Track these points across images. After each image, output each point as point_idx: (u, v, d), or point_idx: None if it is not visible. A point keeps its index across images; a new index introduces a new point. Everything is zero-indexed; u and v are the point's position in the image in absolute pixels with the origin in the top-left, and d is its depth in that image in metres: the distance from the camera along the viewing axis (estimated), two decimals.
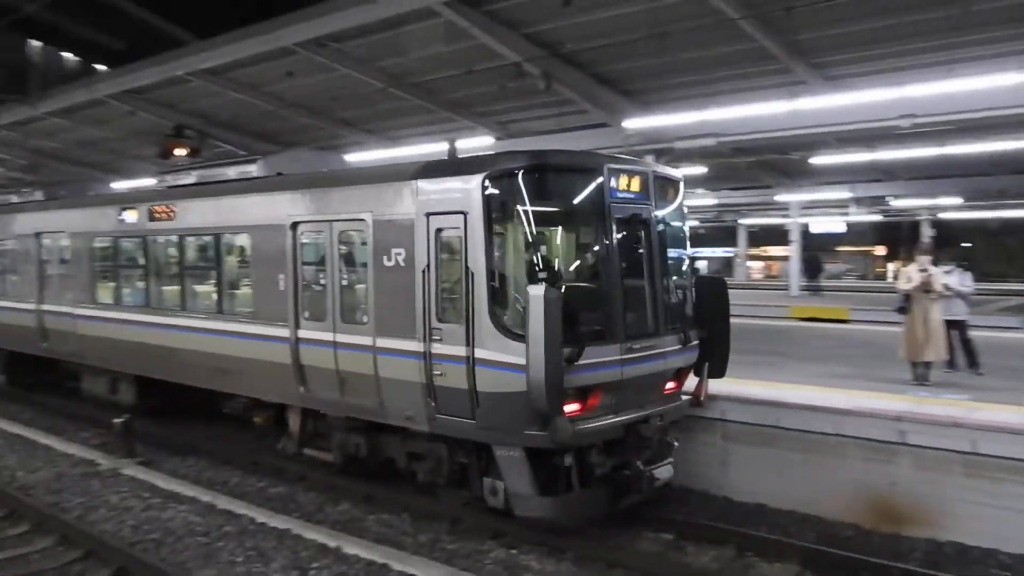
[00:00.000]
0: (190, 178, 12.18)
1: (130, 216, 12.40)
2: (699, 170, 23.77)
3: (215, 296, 10.98)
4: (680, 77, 16.03)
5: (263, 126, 22.83)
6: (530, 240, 7.49)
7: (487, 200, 7.51)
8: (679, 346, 8.57)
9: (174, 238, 11.64)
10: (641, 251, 8.29)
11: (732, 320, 9.42)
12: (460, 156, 8.57)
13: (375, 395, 8.64)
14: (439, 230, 7.91)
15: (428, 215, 7.99)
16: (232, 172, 11.53)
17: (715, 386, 9.57)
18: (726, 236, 47.55)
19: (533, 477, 7.67)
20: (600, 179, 7.94)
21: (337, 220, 9.03)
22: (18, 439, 12.39)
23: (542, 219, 7.68)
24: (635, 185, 8.26)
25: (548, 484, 7.74)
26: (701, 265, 47.49)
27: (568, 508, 7.82)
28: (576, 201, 8.03)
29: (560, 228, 8.43)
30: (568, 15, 14.02)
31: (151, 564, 7.28)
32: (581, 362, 7.40)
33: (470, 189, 7.61)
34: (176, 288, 11.61)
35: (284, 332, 9.59)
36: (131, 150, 27.09)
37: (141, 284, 12.31)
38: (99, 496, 9.60)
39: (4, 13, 39.38)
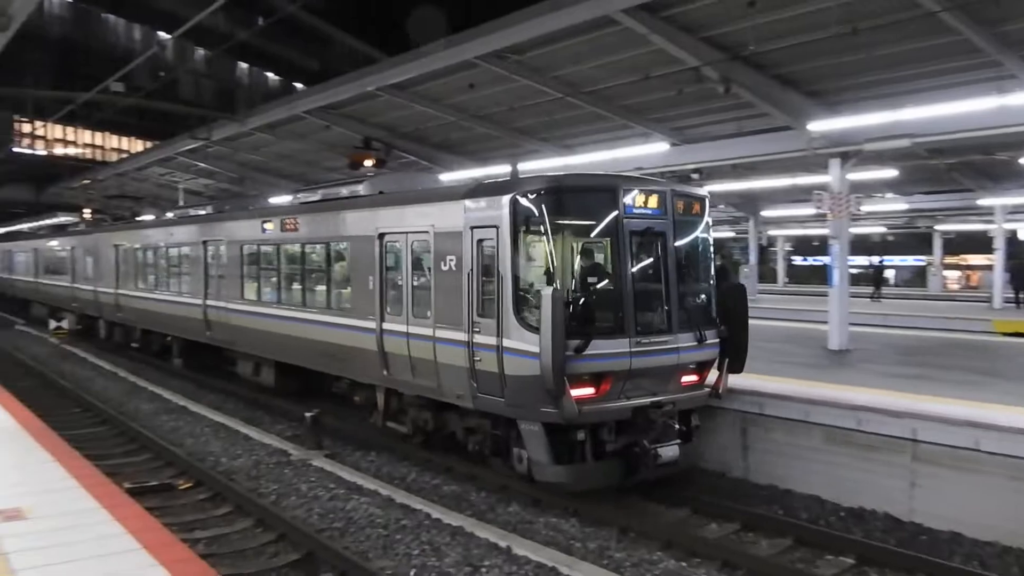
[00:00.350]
0: (316, 195, 14.31)
1: (268, 227, 14.82)
2: (888, 173, 22.35)
3: (325, 294, 13.03)
4: (872, 75, 15.13)
5: (445, 137, 23.66)
6: (547, 249, 8.85)
7: (513, 216, 9.05)
8: (695, 343, 9.69)
9: (297, 246, 13.87)
10: (656, 259, 9.62)
11: (925, 333, 8.85)
12: (496, 179, 10.16)
13: (435, 377, 10.26)
14: (480, 240, 9.49)
15: (472, 228, 9.58)
16: (345, 191, 13.56)
17: (904, 403, 8.94)
18: (918, 243, 44.35)
19: (550, 448, 9.08)
20: (614, 197, 9.28)
21: (410, 232, 10.84)
22: (222, 428, 13.50)
23: (558, 232, 9.08)
24: (652, 202, 9.57)
25: (563, 455, 9.12)
26: (889, 274, 44.61)
27: (580, 476, 9.16)
28: (589, 217, 9.39)
29: (576, 239, 9.65)
30: (751, 16, 13.59)
31: (336, 550, 7.71)
32: (591, 352, 8.77)
33: (501, 207, 9.18)
34: (298, 287, 13.86)
35: (372, 324, 11.44)
36: (324, 162, 28.87)
37: (275, 283, 14.71)
38: (291, 484, 10.28)
39: (222, 40, 43.07)
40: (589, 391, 8.95)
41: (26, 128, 67.32)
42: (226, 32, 59.73)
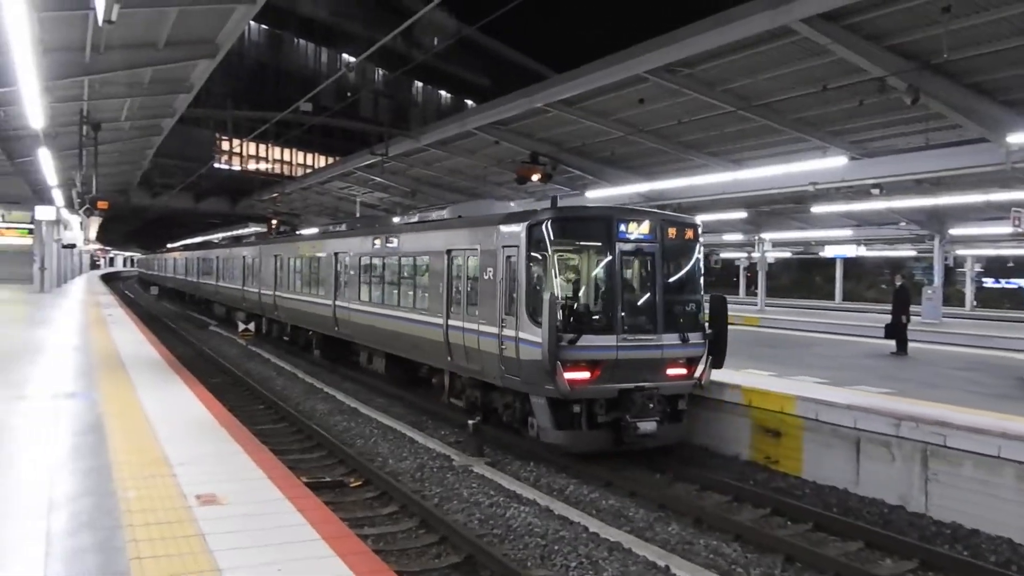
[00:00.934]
0: (415, 218, 18.28)
1: (376, 243, 18.16)
2: None
3: (412, 297, 16.06)
4: None
5: (611, 151, 23.69)
6: (550, 265, 11.54)
7: (527, 239, 11.78)
8: (679, 343, 11.94)
9: (395, 258, 16.97)
10: (645, 273, 12.23)
11: None
12: (523, 210, 13.41)
13: (480, 362, 12.98)
14: (508, 257, 12.23)
15: (503, 247, 12.36)
16: (434, 215, 17.36)
17: None
18: None
19: (552, 417, 11.59)
20: (608, 225, 11.83)
21: (466, 249, 13.68)
22: (389, 430, 14.05)
23: (561, 251, 11.85)
24: (643, 229, 12.00)
25: (564, 423, 11.58)
26: None
27: (575, 440, 11.62)
28: (586, 240, 12.16)
29: (576, 257, 12.39)
30: (945, 22, 12.76)
31: (496, 556, 7.82)
32: (584, 344, 11.33)
33: (519, 232, 11.96)
34: (395, 291, 16.91)
35: (440, 321, 14.30)
36: (492, 176, 29.61)
37: (380, 287, 17.90)
38: (453, 489, 10.55)
39: (401, 62, 45.10)
40: (584, 375, 11.33)
41: (225, 145, 73.31)
42: (404, 53, 62.64)
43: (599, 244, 11.98)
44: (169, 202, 55.95)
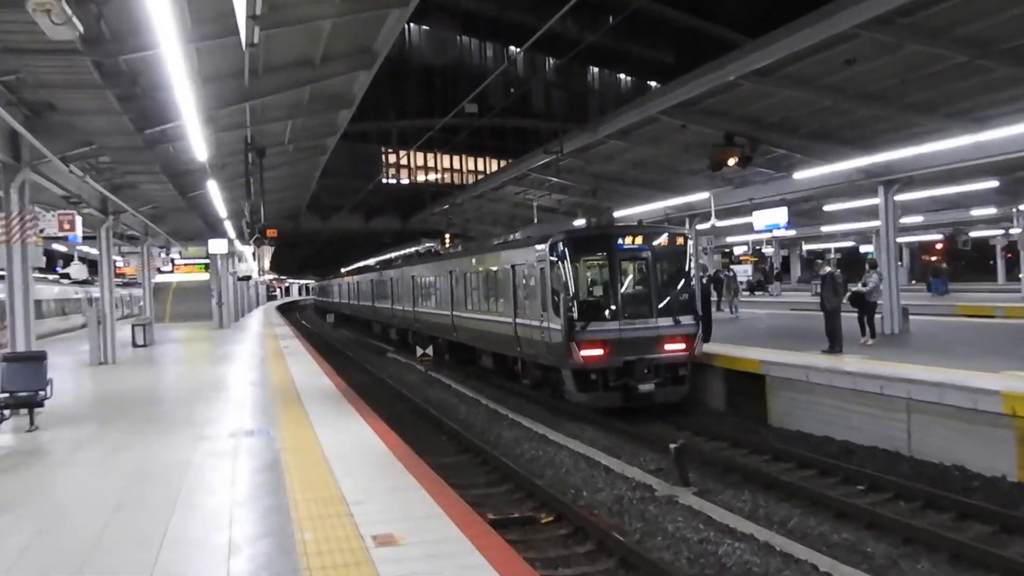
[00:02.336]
0: (497, 240, 26.96)
1: (473, 261, 25.26)
2: None
3: (492, 302, 22.87)
4: None
5: (819, 124, 22.67)
6: (566, 271, 17.71)
7: (551, 254, 18.09)
8: (671, 324, 17.67)
9: (480, 272, 24.19)
10: (640, 273, 18.34)
11: None
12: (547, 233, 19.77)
13: (534, 348, 19.44)
14: (541, 268, 18.62)
15: (538, 260, 18.89)
16: (515, 235, 25.65)
17: None
18: None
19: (576, 383, 17.57)
20: (609, 239, 18.29)
21: (521, 264, 20.27)
22: (581, 458, 14.12)
23: (575, 262, 17.98)
24: (638, 241, 18.20)
25: (584, 387, 17.50)
26: None
27: (594, 399, 17.49)
28: (594, 252, 18.43)
29: (586, 264, 18.56)
30: None
31: None
32: (592, 328, 17.27)
33: (545, 248, 18.39)
34: (482, 299, 23.98)
35: (510, 319, 20.76)
36: (681, 166, 29.13)
37: (475, 297, 24.69)
38: (656, 523, 10.45)
39: (572, 46, 45.47)
40: (596, 351, 17.18)
41: (392, 159, 76.86)
42: (575, 37, 63.10)
43: (603, 254, 18.27)
44: (339, 224, 59.58)
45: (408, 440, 11.98)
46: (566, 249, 17.85)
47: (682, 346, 17.64)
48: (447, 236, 43.87)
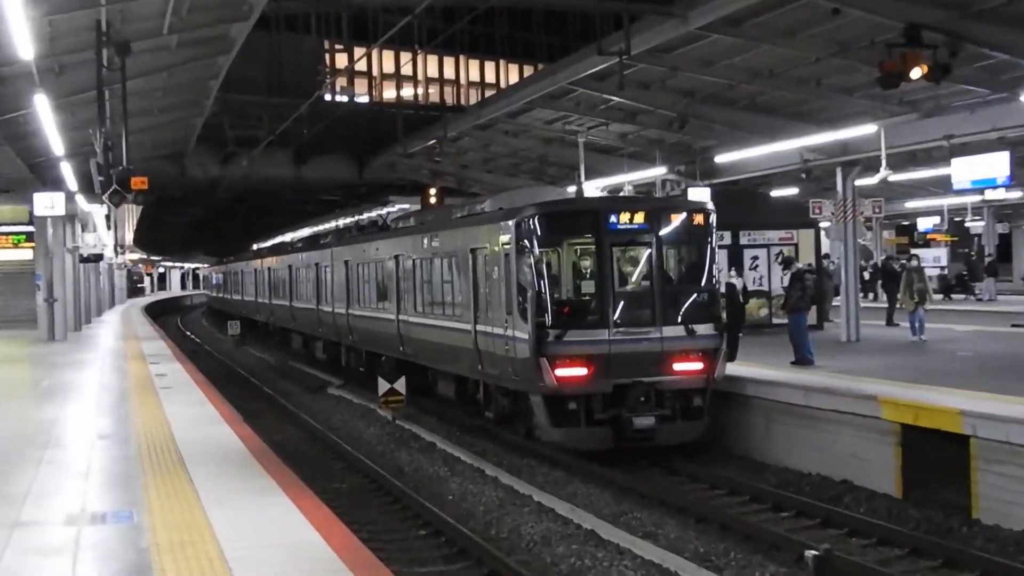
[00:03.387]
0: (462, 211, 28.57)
1: (423, 244, 28.60)
2: None
3: (448, 302, 26.35)
4: None
5: None
6: (536, 260, 20.51)
7: (517, 235, 20.85)
8: (682, 334, 20.50)
9: (433, 257, 27.80)
10: (639, 264, 21.37)
11: None
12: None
13: (497, 367, 22.31)
14: (506, 254, 21.38)
15: (502, 243, 21.57)
16: (483, 206, 26.69)
17: None
18: None
19: (549, 414, 20.12)
20: (596, 217, 20.98)
21: (480, 248, 23.29)
22: (655, 568, 14.10)
23: (549, 246, 21.39)
24: (638, 219, 20.81)
25: (561, 420, 20.01)
26: None
27: (573, 438, 20.32)
28: (575, 234, 21.85)
29: (564, 251, 21.93)
30: None
31: None
32: (571, 339, 19.95)
33: (510, 228, 21.22)
34: (435, 297, 27.60)
35: (469, 326, 23.86)
36: (830, 79, 28.84)
37: (425, 295, 28.63)
38: None
39: None
40: (576, 371, 19.72)
41: (340, 61, 76.18)
42: None
43: (588, 237, 21.09)
44: (252, 170, 58.04)
45: (367, 537, 11.84)
46: (537, 228, 20.53)
47: (698, 365, 20.51)
48: (431, 192, 43.38)
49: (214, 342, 64.50)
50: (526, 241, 20.37)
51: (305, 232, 65.84)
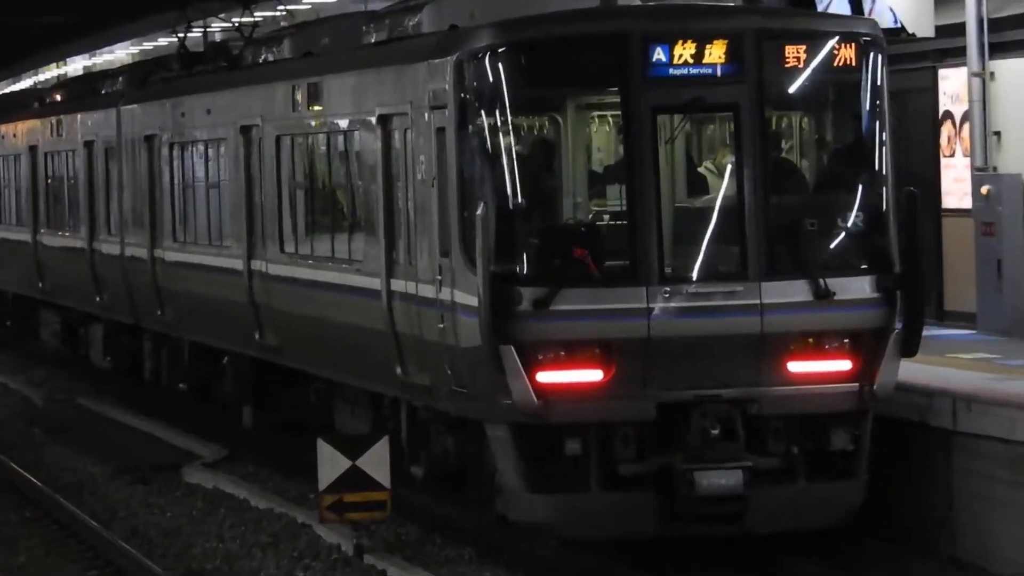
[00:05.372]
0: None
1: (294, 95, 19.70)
2: None
3: (336, 233, 19.04)
4: None
5: None
6: (497, 142, 12.88)
7: (456, 87, 13.46)
8: (807, 299, 12.89)
9: (314, 132, 19.59)
10: (714, 153, 14.09)
11: None
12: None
13: (426, 365, 15.72)
14: (439, 129, 14.41)
15: (431, 106, 14.60)
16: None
17: None
18: None
19: (523, 466, 12.66)
20: (625, 48, 12.91)
21: (394, 113, 16.18)
22: None
23: (526, 113, 13.68)
24: (713, 52, 12.89)
25: (547, 477, 12.60)
26: None
27: (575, 514, 12.64)
28: (578, 85, 13.84)
29: (557, 123, 13.98)
30: None
31: None
32: (566, 307, 12.45)
33: (448, 70, 13.84)
34: (316, 223, 20.27)
35: (377, 282, 16.67)
36: None
37: (302, 217, 20.78)
38: None
39: None
40: (578, 373, 12.56)
41: None
42: None
43: (607, 92, 13.58)
44: None
45: None
46: (501, 72, 12.96)
47: (843, 365, 13.26)
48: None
49: None
50: (477, 102, 12.95)
51: (69, 71, 44.50)
